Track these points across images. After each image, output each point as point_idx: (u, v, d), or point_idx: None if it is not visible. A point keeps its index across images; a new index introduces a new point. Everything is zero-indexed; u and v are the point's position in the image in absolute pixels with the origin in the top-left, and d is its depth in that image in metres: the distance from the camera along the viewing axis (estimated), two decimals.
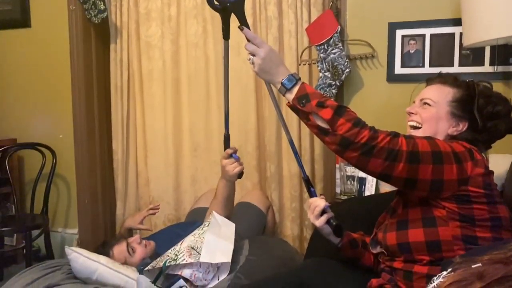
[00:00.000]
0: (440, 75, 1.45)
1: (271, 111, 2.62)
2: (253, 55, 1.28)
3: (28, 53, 3.11)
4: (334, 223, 1.40)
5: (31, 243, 2.70)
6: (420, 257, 1.25)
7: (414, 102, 1.45)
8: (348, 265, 1.50)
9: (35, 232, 2.80)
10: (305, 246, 2.43)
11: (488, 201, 1.21)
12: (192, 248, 1.67)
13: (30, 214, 2.91)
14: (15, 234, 3.09)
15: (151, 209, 2.34)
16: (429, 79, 1.45)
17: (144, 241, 1.97)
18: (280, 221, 2.70)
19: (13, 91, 3.18)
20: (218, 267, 1.69)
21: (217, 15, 2.73)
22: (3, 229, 2.60)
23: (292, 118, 2.55)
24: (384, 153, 1.14)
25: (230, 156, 1.84)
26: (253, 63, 1.28)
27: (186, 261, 1.62)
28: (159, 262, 1.69)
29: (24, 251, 2.76)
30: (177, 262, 1.62)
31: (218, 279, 1.67)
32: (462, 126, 1.35)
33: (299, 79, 1.25)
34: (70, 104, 2.98)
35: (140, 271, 1.74)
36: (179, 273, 1.65)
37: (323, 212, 1.41)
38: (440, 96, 1.37)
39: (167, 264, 1.64)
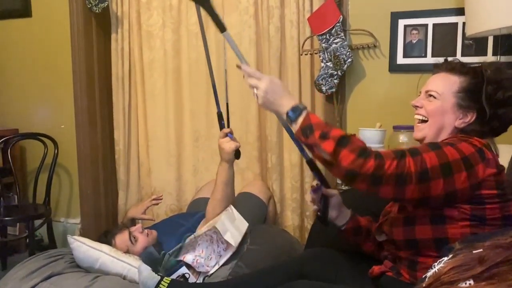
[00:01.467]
0: (446, 61, 1.38)
1: None
2: (256, 88, 1.26)
3: (29, 43, 3.10)
4: (318, 214, 1.46)
5: (34, 232, 2.71)
6: (428, 253, 1.24)
7: (420, 93, 1.40)
8: (348, 254, 1.51)
9: (37, 222, 2.82)
10: (305, 237, 2.44)
11: (500, 200, 1.19)
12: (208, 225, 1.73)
13: (32, 204, 2.92)
14: (18, 224, 3.11)
15: (154, 199, 2.35)
16: (436, 66, 1.39)
17: (146, 231, 1.98)
18: (281, 211, 2.71)
19: (14, 82, 3.18)
20: (220, 255, 1.71)
21: (219, 4, 2.72)
22: (6, 218, 2.62)
23: None
24: (393, 179, 1.11)
25: (226, 135, 1.88)
26: (257, 97, 1.26)
27: (203, 231, 1.67)
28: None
29: (27, 240, 2.79)
30: (195, 234, 1.69)
31: (219, 265, 1.68)
32: (470, 117, 1.28)
33: (304, 108, 1.21)
34: (72, 94, 2.98)
35: (143, 259, 1.75)
36: (181, 258, 1.67)
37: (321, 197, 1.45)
38: (446, 87, 1.31)
39: (187, 240, 1.68)
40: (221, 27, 1.35)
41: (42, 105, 3.13)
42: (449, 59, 1.40)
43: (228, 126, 1.93)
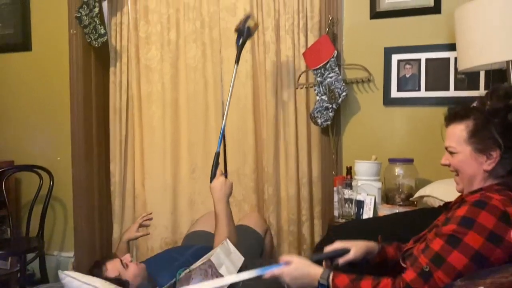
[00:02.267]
0: (449, 112, 1.35)
1: (269, 132, 2.63)
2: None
3: (28, 76, 3.13)
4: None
5: (26, 266, 2.66)
6: None
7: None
8: None
9: (30, 256, 2.77)
10: None
11: None
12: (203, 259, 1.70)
13: (25, 237, 2.88)
14: (9, 258, 3.05)
15: (144, 217, 2.32)
16: (445, 119, 1.36)
17: (134, 261, 1.94)
18: (278, 244, 2.67)
19: (12, 113, 3.19)
20: None
21: (216, 40, 2.79)
22: None
23: (289, 137, 2.57)
24: None
25: (222, 173, 1.93)
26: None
27: (197, 264, 1.65)
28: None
29: (18, 275, 2.73)
30: (190, 268, 1.65)
31: None
32: (496, 155, 1.23)
33: (328, 277, 1.24)
34: (69, 126, 3.00)
35: None
36: None
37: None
38: (457, 139, 1.29)
39: (181, 274, 1.65)
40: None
41: (39, 137, 3.13)
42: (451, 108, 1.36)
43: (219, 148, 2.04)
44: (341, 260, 1.36)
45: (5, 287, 2.98)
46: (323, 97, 2.41)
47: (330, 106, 2.40)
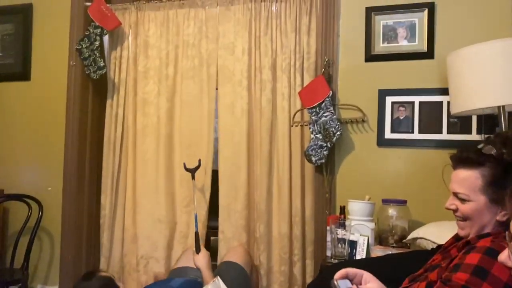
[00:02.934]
0: (459, 155, 1.30)
1: (263, 169, 2.63)
2: None
3: (25, 105, 3.14)
4: None
5: None
6: None
7: (450, 189, 1.32)
8: None
9: None
10: None
11: None
12: None
13: (9, 268, 2.80)
14: None
15: None
16: (451, 159, 1.32)
17: None
18: (267, 285, 2.61)
19: (6, 142, 3.18)
20: None
21: (213, 76, 2.84)
22: None
23: (283, 175, 2.56)
24: None
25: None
26: None
27: None
28: None
29: None
30: None
31: None
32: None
33: None
34: (62, 156, 2.98)
35: None
36: None
37: None
38: (471, 187, 1.24)
39: None
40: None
41: (30, 167, 3.11)
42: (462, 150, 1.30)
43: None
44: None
45: None
46: (318, 135, 2.43)
47: (325, 144, 2.42)
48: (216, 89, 2.79)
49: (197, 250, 2.41)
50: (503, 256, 0.83)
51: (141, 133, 2.91)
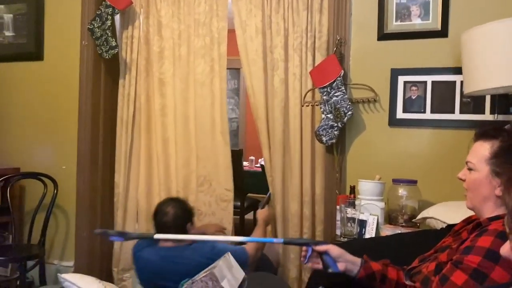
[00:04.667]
0: (480, 128, 1.33)
1: (277, 149, 2.64)
2: None
3: (38, 84, 3.18)
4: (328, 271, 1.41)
5: (26, 274, 2.66)
6: None
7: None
8: None
9: (30, 263, 2.77)
10: None
11: None
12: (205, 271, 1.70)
13: (26, 244, 2.88)
14: (9, 264, 3.05)
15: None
16: (475, 134, 1.33)
17: None
18: (278, 263, 2.66)
19: (20, 121, 3.24)
20: None
21: (224, 56, 2.84)
22: None
23: (294, 155, 2.58)
24: None
25: None
26: None
27: (200, 276, 1.64)
28: None
29: (18, 282, 2.72)
30: (192, 279, 1.65)
31: None
32: None
33: None
34: (76, 135, 3.03)
35: None
36: None
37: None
38: (478, 156, 1.26)
39: (184, 286, 1.65)
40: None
41: (45, 146, 3.16)
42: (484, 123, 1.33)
43: None
44: (317, 248, 1.40)
45: None
46: (329, 115, 2.43)
47: (336, 124, 2.41)
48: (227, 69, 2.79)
49: (263, 207, 2.65)
50: (505, 249, 0.83)
51: (159, 113, 2.93)
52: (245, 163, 4.84)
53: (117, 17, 2.97)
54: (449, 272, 1.17)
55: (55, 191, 2.87)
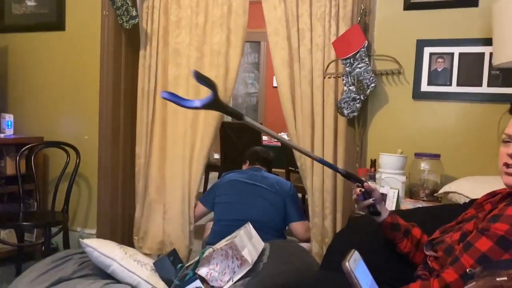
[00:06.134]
0: None
1: (304, 122, 2.62)
2: None
3: (60, 55, 3.21)
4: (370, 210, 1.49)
5: (50, 239, 2.73)
6: None
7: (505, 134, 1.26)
8: None
9: (54, 230, 2.84)
10: None
11: None
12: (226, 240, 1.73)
13: (51, 211, 2.96)
14: (35, 230, 3.15)
15: None
16: None
17: None
18: None
19: (43, 91, 3.28)
20: (234, 271, 1.68)
21: (240, 25, 2.76)
22: (24, 223, 2.66)
23: (316, 128, 2.54)
24: None
25: None
26: None
27: (221, 245, 1.67)
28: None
29: (43, 247, 2.81)
30: (214, 248, 1.68)
31: (233, 281, 1.66)
32: None
33: None
34: (97, 106, 3.06)
35: (157, 269, 1.76)
36: (197, 271, 1.66)
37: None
38: None
39: (205, 253, 1.67)
40: (239, 117, 1.33)
41: (68, 116, 3.21)
42: None
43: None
44: (366, 186, 1.48)
45: (31, 258, 3.07)
46: (351, 87, 2.38)
47: (358, 97, 2.37)
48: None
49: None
50: None
51: (172, 84, 2.92)
52: (264, 138, 4.83)
53: None
54: (474, 239, 1.14)
55: (78, 161, 2.92)
